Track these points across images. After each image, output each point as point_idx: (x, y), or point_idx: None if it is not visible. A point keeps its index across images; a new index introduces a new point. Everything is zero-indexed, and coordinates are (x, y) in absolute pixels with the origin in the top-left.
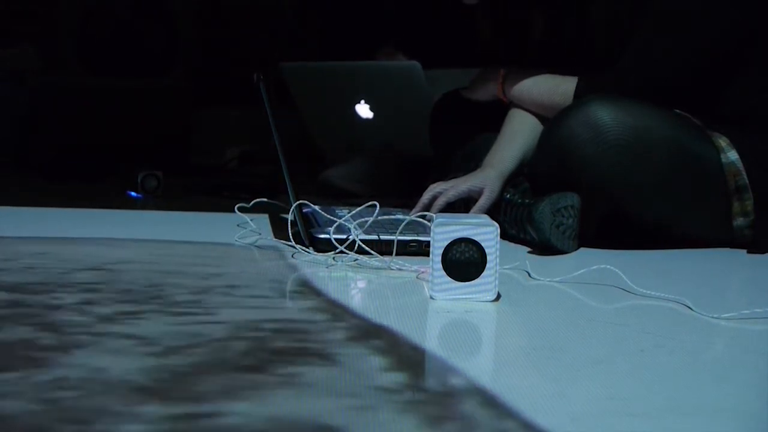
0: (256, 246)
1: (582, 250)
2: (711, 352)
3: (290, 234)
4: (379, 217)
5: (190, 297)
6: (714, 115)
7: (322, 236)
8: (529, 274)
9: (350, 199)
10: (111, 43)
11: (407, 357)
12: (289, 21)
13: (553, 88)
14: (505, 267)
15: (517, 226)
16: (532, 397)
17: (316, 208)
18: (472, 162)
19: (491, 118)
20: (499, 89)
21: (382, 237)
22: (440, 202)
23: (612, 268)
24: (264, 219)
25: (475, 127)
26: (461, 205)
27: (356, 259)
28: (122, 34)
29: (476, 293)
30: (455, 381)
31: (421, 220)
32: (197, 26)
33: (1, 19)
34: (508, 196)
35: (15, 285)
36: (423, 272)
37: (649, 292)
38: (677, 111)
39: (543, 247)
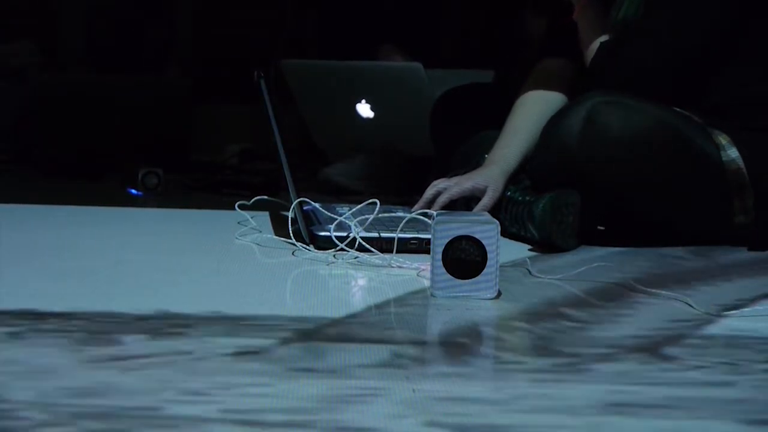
0: (256, 243)
1: (583, 247)
2: (712, 350)
3: (291, 231)
4: (380, 215)
5: None
6: (711, 106)
7: (323, 234)
8: (530, 272)
9: (351, 196)
10: (112, 39)
11: (407, 354)
12: (289, 18)
13: (590, 46)
14: (506, 264)
15: (517, 224)
16: (532, 394)
17: (317, 205)
18: (472, 160)
19: (491, 116)
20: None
21: (383, 234)
22: (443, 199)
23: (612, 265)
24: (264, 216)
25: (475, 125)
26: (463, 202)
27: (357, 257)
28: (124, 30)
29: (477, 291)
30: (455, 379)
31: (422, 217)
32: (198, 23)
33: (1, 15)
34: (509, 193)
35: None
36: (423, 270)
37: (649, 289)
38: (677, 109)
39: (544, 245)
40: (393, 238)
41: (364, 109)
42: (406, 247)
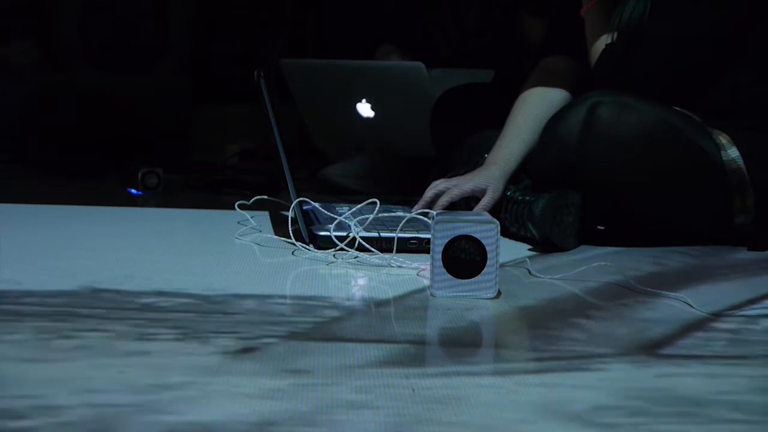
0: (256, 243)
1: (583, 247)
2: (711, 349)
3: (290, 231)
4: (380, 215)
5: None
6: (712, 106)
7: (323, 233)
8: (530, 272)
9: (351, 196)
10: (111, 38)
11: (407, 354)
12: (289, 18)
13: (596, 44)
14: (506, 264)
15: (517, 224)
16: (532, 393)
17: (317, 205)
18: (472, 160)
19: (491, 116)
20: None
21: (383, 234)
22: (444, 201)
23: (612, 265)
24: (264, 216)
25: (475, 125)
26: (462, 202)
27: (357, 257)
28: (123, 29)
29: (476, 290)
30: (455, 378)
31: (421, 217)
32: (198, 23)
33: (1, 15)
34: (509, 193)
35: None
36: (423, 269)
37: (649, 289)
38: (677, 108)
39: (544, 245)
40: (393, 238)
41: (364, 109)
42: (406, 246)
